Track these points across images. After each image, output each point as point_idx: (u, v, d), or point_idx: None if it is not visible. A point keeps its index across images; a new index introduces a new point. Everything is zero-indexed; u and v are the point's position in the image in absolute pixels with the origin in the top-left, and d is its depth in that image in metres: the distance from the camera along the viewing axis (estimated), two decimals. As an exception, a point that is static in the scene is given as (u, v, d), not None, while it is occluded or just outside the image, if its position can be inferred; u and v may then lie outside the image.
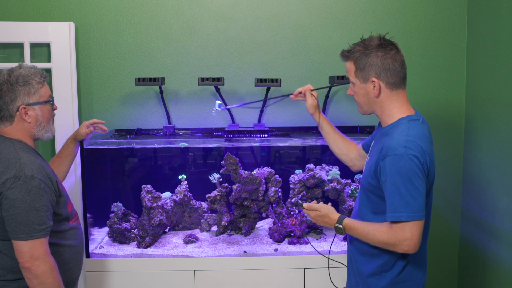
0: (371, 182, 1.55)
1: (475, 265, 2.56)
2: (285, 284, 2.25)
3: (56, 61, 2.44)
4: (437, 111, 2.68)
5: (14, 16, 2.53)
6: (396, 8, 2.63)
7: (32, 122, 1.68)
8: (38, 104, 1.68)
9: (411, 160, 1.42)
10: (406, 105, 1.57)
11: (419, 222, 1.42)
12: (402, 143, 1.44)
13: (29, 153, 1.65)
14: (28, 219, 1.55)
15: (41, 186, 1.58)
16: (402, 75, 1.54)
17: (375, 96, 1.55)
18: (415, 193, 1.41)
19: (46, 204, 1.60)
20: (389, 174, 1.44)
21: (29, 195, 1.55)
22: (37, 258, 1.56)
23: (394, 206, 1.43)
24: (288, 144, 2.48)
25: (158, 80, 2.40)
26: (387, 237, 1.45)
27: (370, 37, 1.56)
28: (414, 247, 1.43)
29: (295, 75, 2.65)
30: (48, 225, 1.60)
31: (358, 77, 1.57)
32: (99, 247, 2.36)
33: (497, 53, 2.31)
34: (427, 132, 1.54)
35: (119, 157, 2.65)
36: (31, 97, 1.66)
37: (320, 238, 2.43)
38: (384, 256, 1.56)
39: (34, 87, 1.66)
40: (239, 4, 2.61)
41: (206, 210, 2.56)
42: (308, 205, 1.72)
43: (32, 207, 1.55)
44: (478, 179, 2.52)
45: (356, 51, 1.55)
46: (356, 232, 1.56)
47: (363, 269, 1.62)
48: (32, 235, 1.55)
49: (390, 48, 1.53)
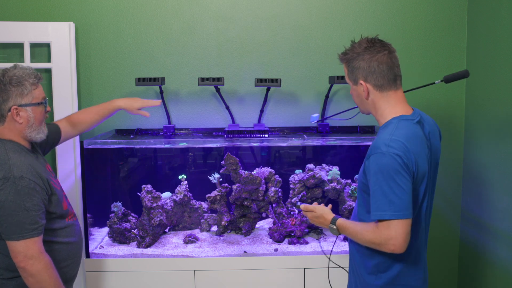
0: (363, 181, 1.56)
1: (475, 265, 2.56)
2: (285, 284, 2.25)
3: (56, 61, 2.44)
4: (437, 111, 2.68)
5: (14, 16, 2.53)
6: (396, 8, 2.63)
7: (23, 123, 1.67)
8: (30, 106, 1.67)
9: (393, 158, 1.41)
10: (400, 105, 1.56)
11: (404, 220, 1.40)
12: (386, 142, 1.44)
13: (20, 154, 1.65)
14: (19, 220, 1.56)
15: (31, 185, 1.59)
16: (391, 77, 1.53)
17: (365, 98, 1.57)
18: (398, 191, 1.40)
19: (38, 203, 1.60)
20: (373, 173, 1.45)
21: (19, 195, 1.56)
22: (31, 257, 1.57)
23: (377, 204, 1.43)
24: (288, 144, 2.48)
25: (158, 80, 2.40)
26: (373, 236, 1.45)
27: (360, 39, 1.57)
28: (400, 247, 1.41)
29: (295, 75, 2.65)
30: (40, 224, 1.61)
31: (350, 80, 1.60)
32: (99, 247, 2.36)
33: (497, 53, 2.31)
34: (420, 132, 1.52)
35: (119, 157, 2.65)
36: (23, 98, 1.65)
37: (320, 238, 2.43)
38: (377, 256, 1.56)
39: (27, 88, 1.66)
40: (239, 4, 2.61)
41: (206, 210, 2.56)
42: (304, 206, 1.75)
43: (22, 207, 1.56)
44: (478, 179, 2.52)
45: (347, 54, 1.58)
46: (348, 232, 1.57)
47: (361, 268, 1.63)
48: (24, 235, 1.56)
49: (378, 50, 1.52)
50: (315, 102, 2.67)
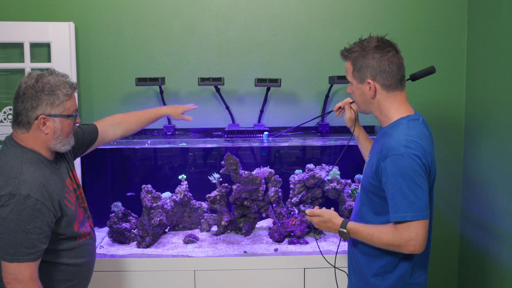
0: (372, 183, 1.54)
1: (475, 265, 2.56)
2: (285, 284, 2.25)
3: (56, 61, 2.44)
4: (437, 111, 2.68)
5: (14, 16, 2.53)
6: (396, 8, 2.63)
7: (49, 134, 1.56)
8: (59, 117, 1.56)
9: (412, 160, 1.41)
10: (404, 105, 1.57)
11: (424, 221, 1.41)
12: (403, 143, 1.44)
13: (37, 166, 1.54)
14: (16, 241, 1.44)
15: (37, 207, 1.46)
16: (399, 77, 1.54)
17: (371, 97, 1.56)
18: (418, 192, 1.40)
19: (40, 227, 1.48)
20: (390, 175, 1.43)
21: (21, 215, 1.44)
22: (20, 282, 1.46)
23: (398, 206, 1.42)
24: (288, 144, 2.48)
25: (158, 80, 2.40)
26: (393, 238, 1.44)
27: (369, 37, 1.56)
28: (420, 247, 1.41)
29: (295, 75, 2.65)
30: (39, 249, 1.48)
31: (355, 77, 1.57)
32: (99, 247, 2.36)
33: (497, 53, 2.31)
34: (427, 132, 1.54)
35: (119, 157, 2.65)
36: (53, 108, 1.54)
37: (320, 238, 2.43)
38: (386, 257, 1.55)
39: (60, 99, 1.54)
40: (239, 4, 2.61)
41: (206, 210, 2.56)
42: (311, 211, 1.68)
43: (21, 229, 1.44)
44: (478, 179, 2.52)
45: (354, 52, 1.55)
46: (361, 236, 1.54)
47: (366, 270, 1.61)
48: (18, 258, 1.45)
49: (388, 50, 1.52)
50: (315, 102, 2.67)
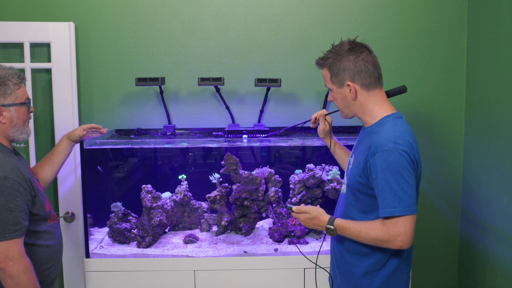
0: (359, 181, 1.55)
1: (475, 265, 2.56)
2: (285, 284, 2.25)
3: (56, 61, 2.44)
4: (437, 111, 2.69)
5: (14, 16, 2.54)
6: (396, 8, 2.63)
7: (6, 123, 1.67)
8: (13, 106, 1.67)
9: (400, 155, 1.44)
10: (386, 103, 1.61)
11: (412, 216, 1.44)
12: (391, 139, 1.46)
13: (4, 154, 1.64)
14: (2, 220, 1.54)
15: (15, 186, 1.57)
16: (376, 75, 1.58)
17: (352, 99, 1.59)
18: (406, 187, 1.43)
19: (21, 205, 1.59)
20: (380, 170, 1.45)
21: (3, 196, 1.55)
22: (11, 259, 1.55)
23: (387, 201, 1.44)
24: (288, 144, 2.48)
25: (158, 80, 2.40)
26: (381, 233, 1.46)
27: (341, 42, 1.61)
28: (408, 242, 1.44)
29: (295, 75, 2.65)
30: (22, 226, 1.59)
31: (334, 83, 1.61)
32: (99, 247, 2.36)
33: (497, 53, 2.31)
34: (411, 129, 1.57)
35: (119, 157, 2.65)
36: (6, 98, 1.65)
37: (320, 238, 2.43)
38: (376, 255, 1.57)
39: (10, 88, 1.65)
40: (239, 4, 2.61)
41: (206, 210, 2.56)
42: (298, 208, 1.68)
43: (5, 208, 1.55)
44: (478, 179, 2.52)
45: (329, 58, 1.60)
46: (348, 232, 1.55)
47: (355, 270, 1.61)
48: (6, 236, 1.55)
49: (361, 50, 1.57)
50: (315, 102, 2.67)
